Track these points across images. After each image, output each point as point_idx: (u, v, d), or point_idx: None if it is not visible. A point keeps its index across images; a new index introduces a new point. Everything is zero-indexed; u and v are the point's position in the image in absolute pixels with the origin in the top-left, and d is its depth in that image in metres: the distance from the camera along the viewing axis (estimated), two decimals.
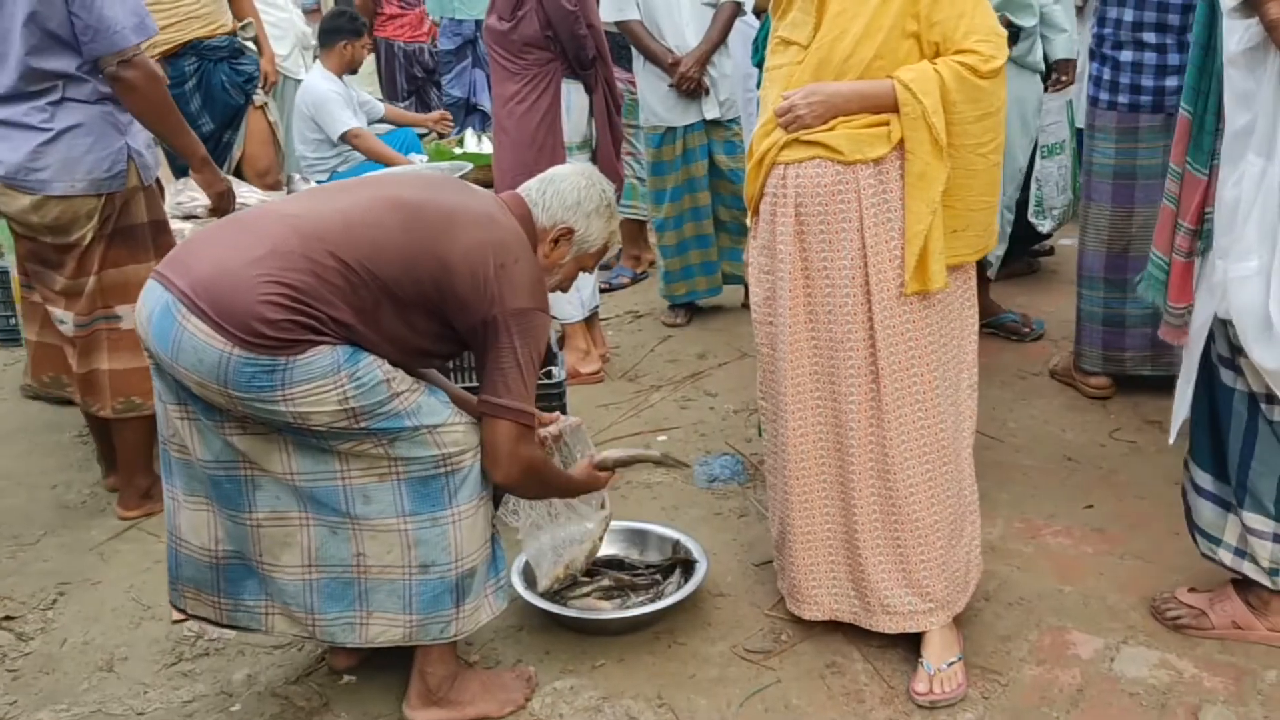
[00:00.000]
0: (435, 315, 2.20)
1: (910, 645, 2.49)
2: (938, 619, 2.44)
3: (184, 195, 4.10)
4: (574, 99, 4.02)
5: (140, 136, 3.12)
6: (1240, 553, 2.45)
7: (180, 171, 4.79)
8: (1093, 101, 3.61)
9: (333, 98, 5.60)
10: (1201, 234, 2.35)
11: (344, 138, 5.60)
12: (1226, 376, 2.38)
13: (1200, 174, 2.32)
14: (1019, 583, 2.78)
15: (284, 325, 2.02)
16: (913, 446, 2.37)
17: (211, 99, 4.71)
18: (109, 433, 3.40)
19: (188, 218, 3.99)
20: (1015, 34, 3.68)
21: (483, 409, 2.21)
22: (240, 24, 4.84)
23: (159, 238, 3.16)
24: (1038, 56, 4.02)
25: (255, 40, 5.06)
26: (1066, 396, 3.81)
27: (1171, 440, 2.57)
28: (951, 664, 2.40)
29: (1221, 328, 2.34)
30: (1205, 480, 2.49)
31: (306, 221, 2.12)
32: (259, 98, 4.89)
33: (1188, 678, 2.40)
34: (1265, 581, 2.43)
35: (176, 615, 2.63)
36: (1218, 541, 2.48)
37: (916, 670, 2.41)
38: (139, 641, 2.75)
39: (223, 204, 3.43)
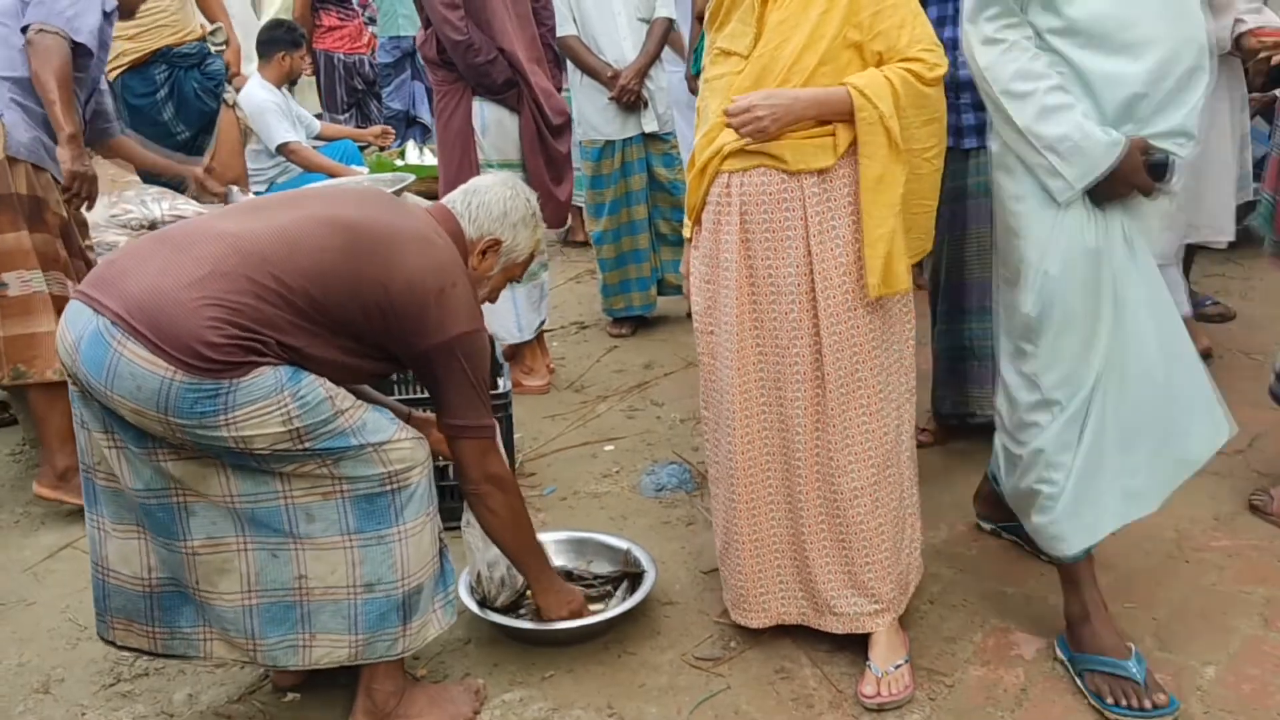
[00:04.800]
0: (375, 340, 2.19)
1: (857, 649, 2.50)
2: (883, 620, 2.46)
3: (118, 208, 4.04)
4: (489, 116, 3.95)
5: (19, 117, 3.25)
6: None
7: (149, 180, 4.74)
8: None
9: (270, 108, 5.55)
10: None
11: (280, 150, 5.55)
12: None
13: None
14: (963, 585, 2.81)
15: (227, 349, 1.97)
16: (857, 451, 2.39)
17: (185, 106, 4.69)
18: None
19: (123, 228, 3.93)
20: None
21: (446, 432, 2.27)
22: (210, 29, 4.80)
23: (37, 213, 3.27)
24: None
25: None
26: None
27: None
28: (898, 666, 2.42)
29: None
30: None
31: (246, 240, 2.07)
32: (229, 96, 4.84)
33: None
34: None
35: None
36: None
37: (864, 673, 2.43)
38: (76, 662, 2.69)
39: (75, 185, 3.40)
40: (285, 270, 2.05)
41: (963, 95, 3.09)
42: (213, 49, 4.84)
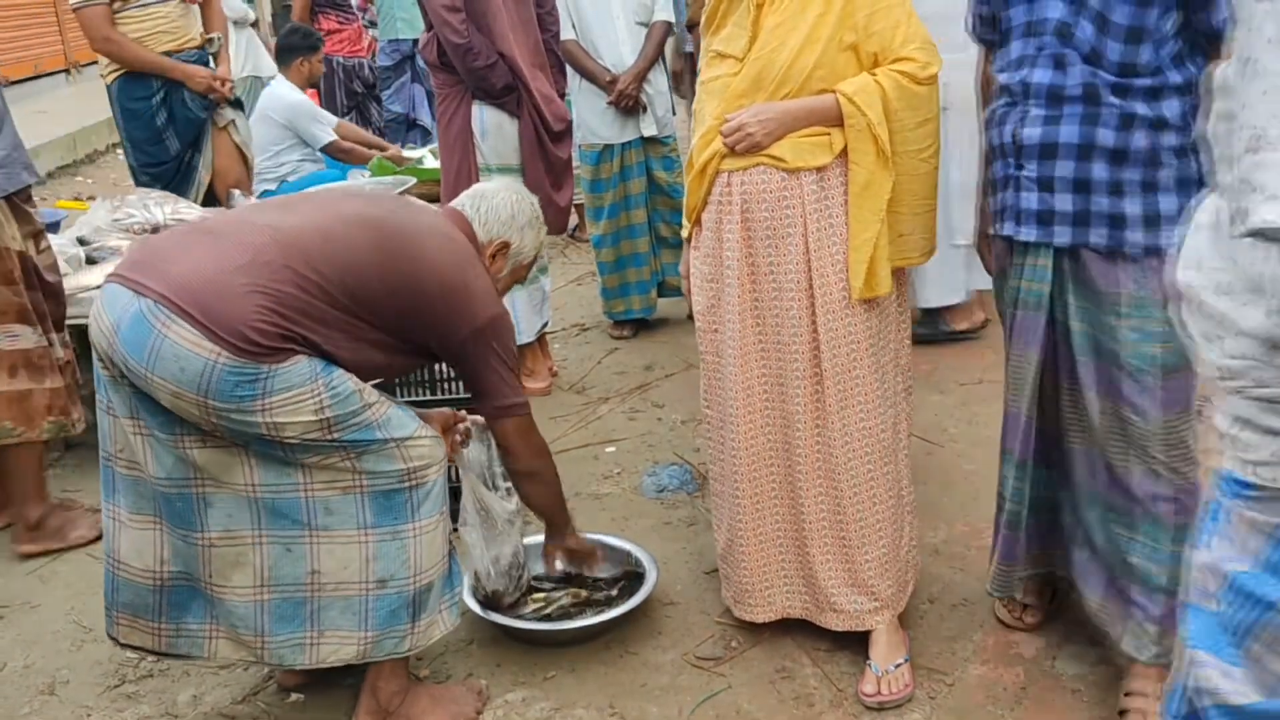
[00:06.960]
0: (410, 332, 2.23)
1: (858, 648, 2.52)
2: (883, 618, 2.48)
3: (120, 211, 4.06)
4: (489, 121, 3.95)
5: None
6: None
7: (141, 182, 4.73)
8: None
9: (306, 109, 5.77)
10: None
11: (328, 149, 5.70)
12: None
13: None
14: (963, 585, 2.82)
15: (272, 334, 2.01)
16: (855, 448, 2.41)
17: (174, 115, 4.67)
18: None
19: (125, 232, 3.95)
20: None
21: (489, 414, 2.38)
22: (207, 37, 4.80)
23: None
24: None
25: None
26: (1002, 402, 3.86)
27: None
28: (899, 665, 2.43)
29: None
30: None
31: (285, 233, 2.12)
32: (223, 118, 4.82)
33: None
34: None
35: None
36: None
37: (864, 672, 2.44)
38: (81, 664, 2.70)
39: None
40: (323, 263, 2.10)
41: (1026, 165, 2.19)
42: (211, 56, 4.85)
